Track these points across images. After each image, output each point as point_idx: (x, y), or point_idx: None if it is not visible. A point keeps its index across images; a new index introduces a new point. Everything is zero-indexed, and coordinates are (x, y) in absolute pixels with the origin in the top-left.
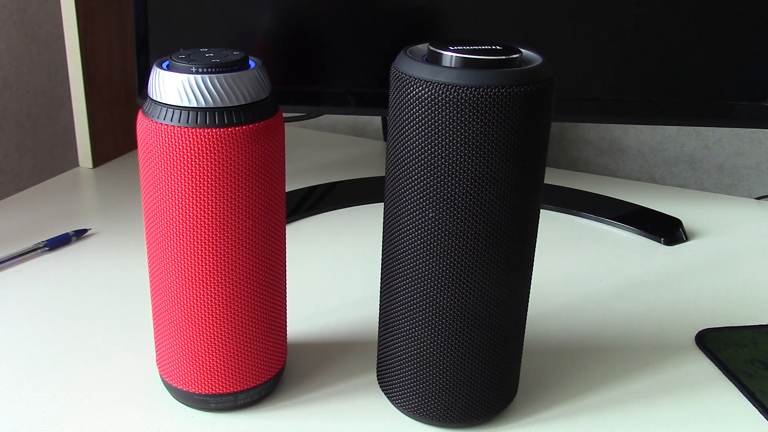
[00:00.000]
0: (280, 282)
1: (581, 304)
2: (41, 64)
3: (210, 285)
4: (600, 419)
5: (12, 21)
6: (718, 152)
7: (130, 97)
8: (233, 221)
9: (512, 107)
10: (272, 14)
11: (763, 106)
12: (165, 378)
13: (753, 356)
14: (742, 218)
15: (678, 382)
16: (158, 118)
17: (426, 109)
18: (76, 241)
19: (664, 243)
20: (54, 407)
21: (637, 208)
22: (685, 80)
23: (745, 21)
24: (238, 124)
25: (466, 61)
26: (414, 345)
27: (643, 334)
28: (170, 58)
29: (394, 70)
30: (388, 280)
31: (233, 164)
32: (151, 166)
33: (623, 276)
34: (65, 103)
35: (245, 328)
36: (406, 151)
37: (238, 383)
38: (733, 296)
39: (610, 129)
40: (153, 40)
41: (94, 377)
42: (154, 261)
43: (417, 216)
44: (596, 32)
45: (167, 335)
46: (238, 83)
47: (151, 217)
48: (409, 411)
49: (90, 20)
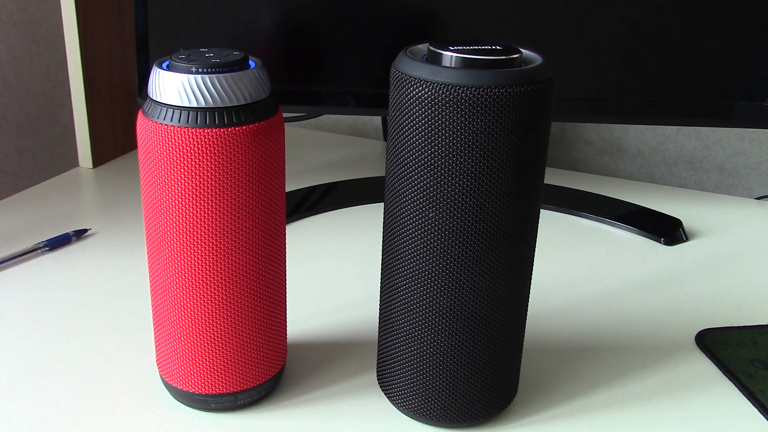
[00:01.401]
0: (280, 282)
1: (581, 304)
2: (41, 64)
3: (210, 285)
4: (600, 419)
5: (12, 21)
6: (718, 152)
7: (130, 97)
8: (233, 221)
9: (512, 107)
10: (272, 14)
11: (763, 106)
12: (165, 378)
13: (753, 356)
14: (742, 218)
15: (678, 382)
16: (158, 118)
17: (426, 109)
18: (76, 241)
19: (664, 243)
20: (54, 407)
21: (637, 208)
22: (685, 80)
23: (745, 21)
24: (238, 124)
25: (466, 61)
26: (414, 345)
27: (643, 334)
28: (170, 58)
29: (394, 70)
30: (388, 280)
31: (233, 164)
32: (151, 166)
33: (623, 276)
34: (65, 103)
35: (245, 328)
36: (406, 151)
37: (238, 383)
38: (733, 296)
39: (610, 129)
40: (153, 40)
41: (94, 377)
42: (154, 261)
43: (417, 216)
44: (596, 32)
45: (167, 335)
46: (238, 83)
47: (151, 217)
48: (409, 411)
49: (90, 20)
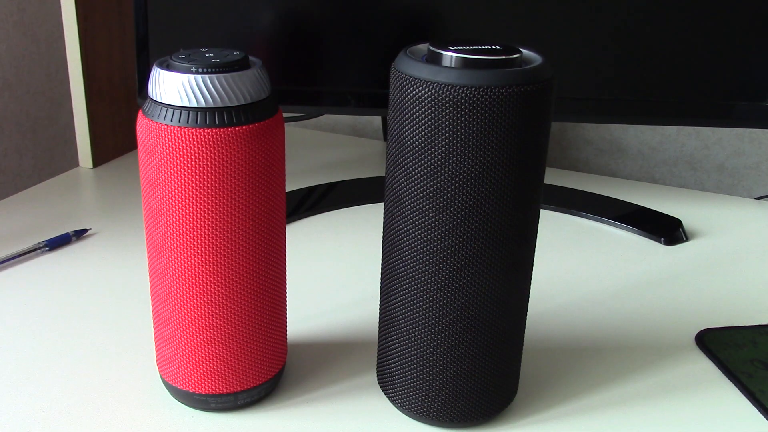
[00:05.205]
0: (280, 282)
1: (581, 304)
2: (41, 64)
3: (210, 285)
4: (600, 419)
5: (12, 21)
6: (718, 152)
7: (130, 97)
8: (233, 221)
9: (512, 107)
10: (272, 14)
11: (763, 106)
12: (165, 378)
13: (753, 356)
14: (742, 218)
15: (678, 382)
16: (158, 118)
17: (426, 109)
18: (76, 241)
19: (664, 243)
20: (54, 407)
21: (637, 208)
22: (685, 80)
23: (745, 21)
24: (238, 124)
25: (466, 61)
26: (414, 345)
27: (643, 334)
28: (170, 58)
29: (394, 70)
30: (388, 280)
31: (233, 164)
32: (151, 166)
33: (623, 276)
34: (65, 103)
35: (245, 328)
36: (406, 151)
37: (238, 383)
38: (733, 296)
39: (610, 129)
40: (153, 40)
41: (94, 377)
42: (154, 261)
43: (417, 216)
44: (596, 32)
45: (167, 335)
46: (238, 83)
47: (151, 217)
48: (409, 411)
49: (90, 20)
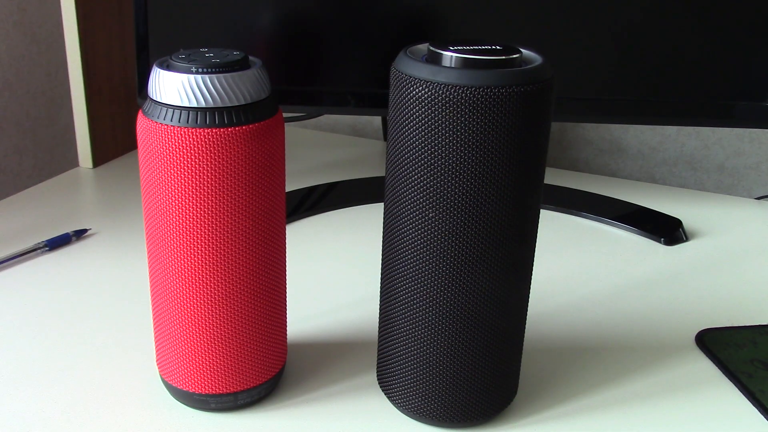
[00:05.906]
0: (280, 282)
1: (581, 304)
2: (41, 64)
3: (210, 285)
4: (600, 419)
5: (12, 21)
6: (718, 152)
7: (130, 97)
8: (233, 221)
9: (512, 107)
10: (272, 14)
11: (763, 106)
12: (165, 378)
13: (753, 356)
14: (742, 218)
15: (678, 382)
16: (158, 118)
17: (426, 109)
18: (76, 241)
19: (664, 243)
20: (54, 407)
21: (637, 208)
22: (685, 80)
23: (745, 21)
24: (238, 124)
25: (465, 61)
26: (414, 345)
27: (643, 334)
28: (170, 58)
29: (394, 70)
30: (388, 280)
31: (233, 164)
32: (151, 166)
33: (623, 276)
34: (65, 103)
35: (245, 328)
36: (406, 151)
37: (238, 383)
38: (733, 296)
39: (610, 129)
40: (153, 40)
41: (94, 377)
42: (154, 261)
43: (417, 216)
44: (596, 32)
45: (167, 335)
46: (238, 83)
47: (151, 217)
48: (409, 411)
49: (90, 20)
